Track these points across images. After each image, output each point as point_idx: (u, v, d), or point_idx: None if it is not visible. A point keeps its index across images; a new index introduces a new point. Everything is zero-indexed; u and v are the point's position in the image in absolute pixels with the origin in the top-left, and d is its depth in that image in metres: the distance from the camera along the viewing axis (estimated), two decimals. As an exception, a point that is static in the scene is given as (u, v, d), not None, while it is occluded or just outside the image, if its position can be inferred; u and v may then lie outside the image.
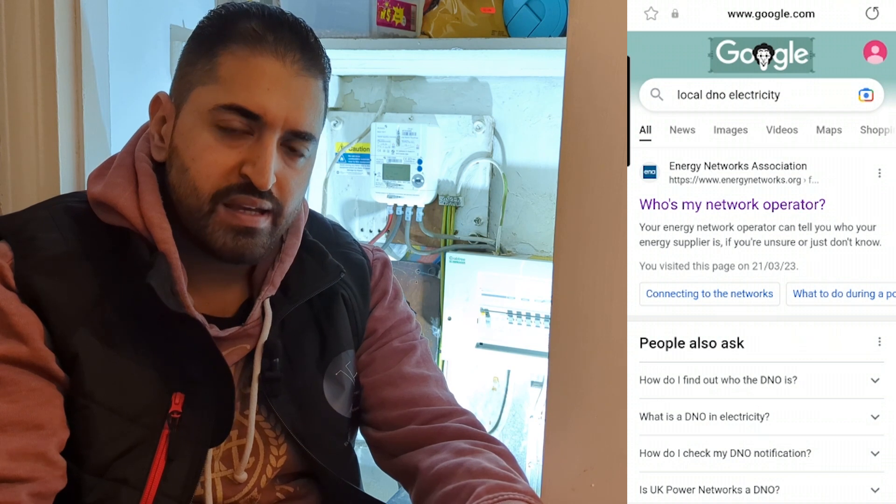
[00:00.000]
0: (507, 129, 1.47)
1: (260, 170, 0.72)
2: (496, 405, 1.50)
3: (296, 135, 0.75)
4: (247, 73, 0.72)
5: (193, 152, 0.73)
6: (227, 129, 0.72)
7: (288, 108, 0.73)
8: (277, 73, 0.73)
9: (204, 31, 0.76)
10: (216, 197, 0.73)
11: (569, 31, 0.78)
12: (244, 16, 0.74)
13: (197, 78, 0.74)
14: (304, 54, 0.75)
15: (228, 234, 0.74)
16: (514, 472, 0.76)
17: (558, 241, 0.80)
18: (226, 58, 0.73)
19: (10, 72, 1.07)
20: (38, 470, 0.67)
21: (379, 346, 0.90)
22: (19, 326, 0.69)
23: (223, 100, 0.72)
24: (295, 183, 0.77)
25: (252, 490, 0.80)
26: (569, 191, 0.79)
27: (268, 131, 0.73)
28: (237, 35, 0.73)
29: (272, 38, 0.73)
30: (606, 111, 0.76)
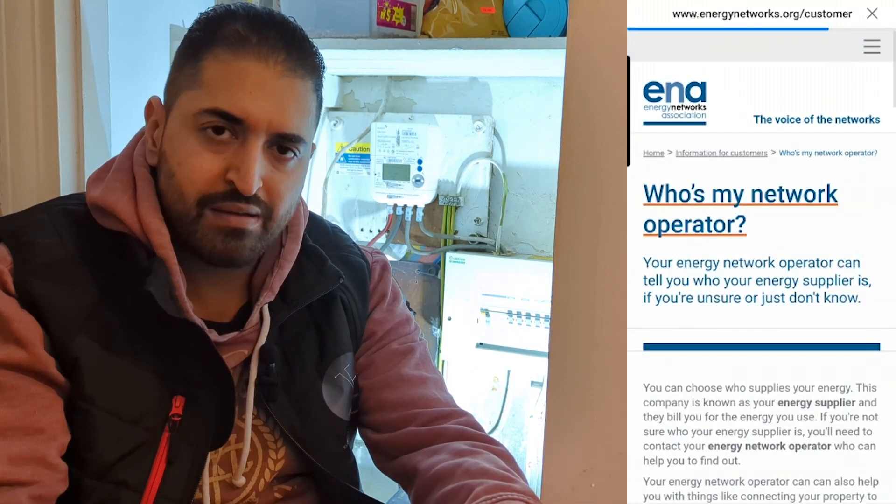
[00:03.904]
0: (507, 129, 1.47)
1: (244, 175, 0.71)
2: (496, 405, 1.50)
3: (283, 137, 0.74)
4: (229, 76, 0.71)
5: (179, 157, 0.73)
6: (212, 134, 0.72)
7: (271, 111, 0.72)
8: (260, 76, 0.72)
9: (192, 35, 0.76)
10: (202, 202, 0.73)
11: (569, 31, 0.78)
12: (230, 18, 0.74)
13: (183, 82, 0.74)
14: (290, 54, 0.74)
15: (217, 237, 0.74)
16: (513, 473, 0.76)
17: (558, 241, 0.80)
18: (209, 62, 0.72)
19: (10, 72, 1.07)
20: (38, 474, 0.67)
21: (378, 348, 0.90)
22: (19, 332, 0.69)
23: (206, 104, 0.72)
24: (285, 186, 0.76)
25: (250, 493, 0.80)
26: (569, 191, 0.79)
27: (252, 135, 0.72)
28: (221, 38, 0.72)
29: (256, 39, 0.72)
30: (606, 111, 0.76)
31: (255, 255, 0.77)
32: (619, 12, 0.73)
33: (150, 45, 1.27)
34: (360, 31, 1.27)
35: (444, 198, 1.50)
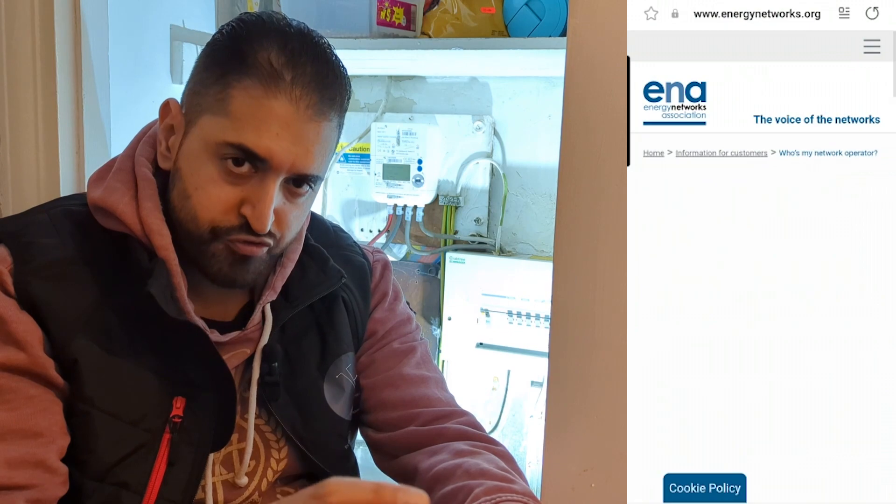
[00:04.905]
0: (507, 129, 1.47)
1: (259, 214, 0.71)
2: (496, 405, 1.50)
3: (301, 177, 0.74)
4: (259, 114, 0.70)
5: (196, 181, 0.73)
6: (232, 166, 0.71)
7: (296, 153, 0.71)
8: (289, 119, 0.70)
9: (220, 50, 0.73)
10: (214, 231, 0.73)
11: (569, 31, 0.78)
12: (264, 42, 0.70)
13: (208, 104, 0.72)
14: (322, 96, 0.72)
15: (225, 262, 0.74)
16: (513, 473, 0.76)
17: (558, 241, 0.80)
18: (239, 92, 0.70)
19: (10, 72, 1.07)
20: (36, 477, 0.67)
21: (379, 347, 0.90)
22: (18, 333, 0.69)
23: (231, 137, 0.70)
24: (294, 216, 0.76)
25: (253, 493, 0.80)
26: (569, 191, 0.79)
27: (272, 174, 0.71)
28: (254, 69, 0.70)
29: (290, 77, 0.70)
30: (606, 111, 0.76)
31: (258, 277, 0.78)
32: (619, 12, 0.73)
33: (150, 45, 1.27)
34: (360, 31, 1.27)
35: (444, 198, 1.50)
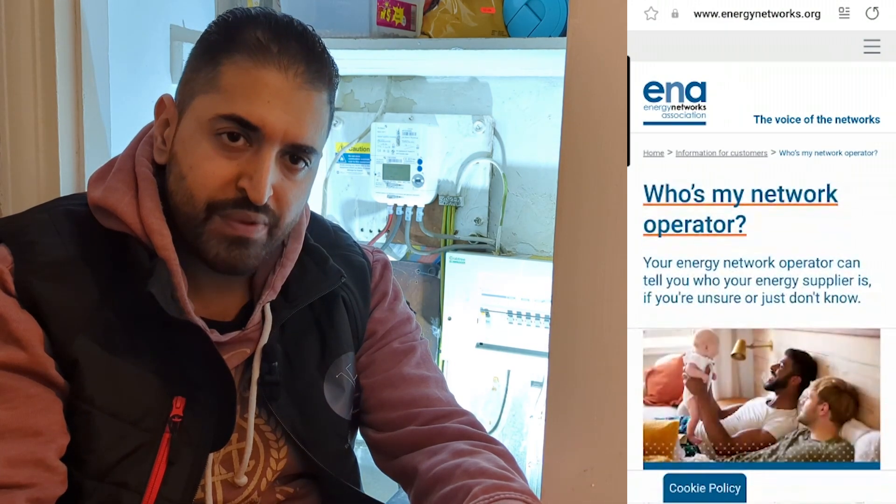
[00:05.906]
0: (507, 129, 1.47)
1: (256, 184, 0.72)
2: (496, 405, 1.50)
3: (296, 148, 0.74)
4: (249, 84, 0.71)
5: (192, 160, 0.73)
6: (226, 140, 0.72)
7: (288, 122, 0.72)
8: (279, 86, 0.72)
9: (209, 38, 0.76)
10: (211, 207, 0.73)
11: (569, 31, 0.78)
12: (250, 24, 0.73)
13: (199, 86, 0.74)
14: (309, 66, 0.74)
15: (222, 245, 0.74)
16: (512, 472, 0.76)
17: (558, 241, 0.80)
18: (228, 67, 0.72)
19: (10, 72, 1.07)
20: (36, 476, 0.67)
21: (379, 347, 0.90)
22: (18, 332, 0.69)
23: (223, 109, 0.72)
24: (293, 195, 0.76)
25: (252, 493, 0.80)
26: (569, 191, 0.79)
27: (266, 144, 0.72)
28: (241, 44, 0.72)
29: (277, 48, 0.72)
30: (606, 111, 0.76)
31: (258, 262, 0.78)
32: (619, 12, 0.73)
33: (150, 45, 1.27)
34: (360, 31, 1.27)
35: (444, 198, 1.50)
